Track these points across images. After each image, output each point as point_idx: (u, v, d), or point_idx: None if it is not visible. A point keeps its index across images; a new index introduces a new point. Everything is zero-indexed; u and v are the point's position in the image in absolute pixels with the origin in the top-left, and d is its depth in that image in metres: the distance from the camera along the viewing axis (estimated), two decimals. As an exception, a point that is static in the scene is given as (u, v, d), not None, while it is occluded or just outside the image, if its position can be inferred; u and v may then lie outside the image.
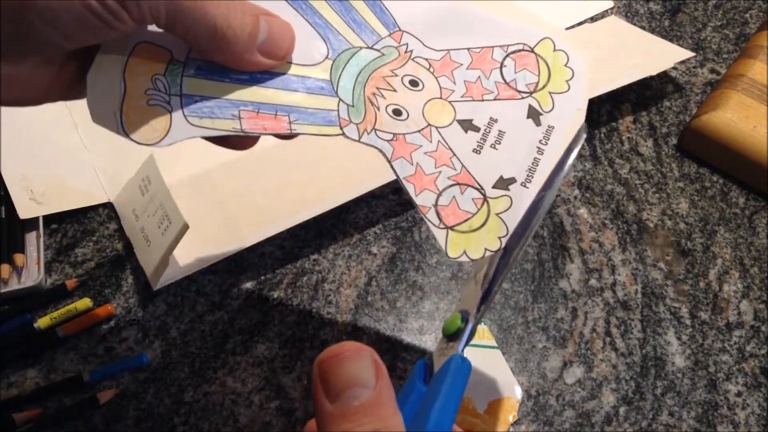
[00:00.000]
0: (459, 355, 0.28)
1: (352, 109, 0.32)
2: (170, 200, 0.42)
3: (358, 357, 0.23)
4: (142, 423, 0.40)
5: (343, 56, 0.33)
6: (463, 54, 0.35)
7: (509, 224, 0.31)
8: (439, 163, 0.33)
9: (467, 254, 0.31)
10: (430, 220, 0.32)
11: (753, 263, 0.49)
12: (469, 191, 0.32)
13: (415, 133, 0.33)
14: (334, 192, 0.47)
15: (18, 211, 0.44)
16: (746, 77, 0.53)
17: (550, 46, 0.35)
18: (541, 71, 0.35)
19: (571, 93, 0.34)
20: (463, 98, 0.34)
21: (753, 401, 0.43)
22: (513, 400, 0.42)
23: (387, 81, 0.34)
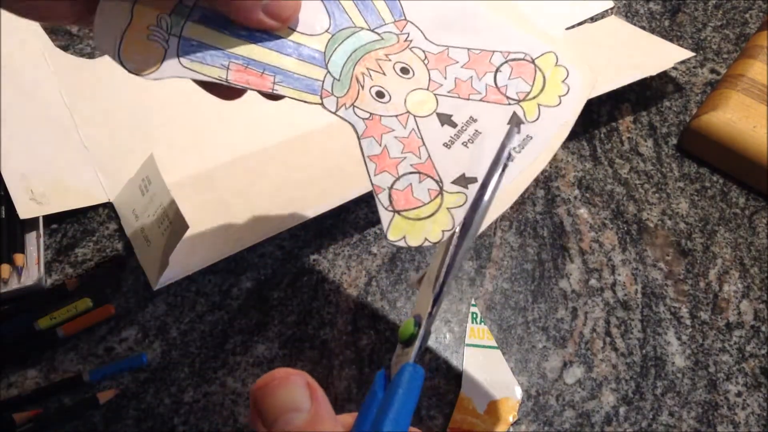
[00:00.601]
0: (411, 364, 0.28)
1: (337, 83, 0.33)
2: (170, 200, 0.42)
3: (288, 382, 0.24)
4: (142, 423, 0.40)
5: (342, 33, 0.34)
6: (462, 53, 0.35)
7: (457, 220, 0.32)
8: (406, 150, 0.33)
9: (406, 240, 0.31)
10: (380, 201, 0.32)
11: (753, 263, 0.49)
12: (427, 181, 0.33)
13: (392, 117, 0.34)
14: (334, 192, 0.47)
15: (18, 211, 0.44)
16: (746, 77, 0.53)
17: (553, 61, 0.35)
18: (536, 82, 0.35)
19: (561, 108, 0.34)
20: (449, 93, 0.34)
21: (753, 401, 0.43)
22: (513, 400, 0.42)
23: (378, 63, 0.34)
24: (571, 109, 0.34)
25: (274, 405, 0.23)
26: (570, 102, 0.34)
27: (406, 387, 0.26)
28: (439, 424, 0.42)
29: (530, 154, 0.33)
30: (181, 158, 0.48)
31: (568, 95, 0.34)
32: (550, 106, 0.34)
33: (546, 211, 0.49)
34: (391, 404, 0.26)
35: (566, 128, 0.34)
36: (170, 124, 0.50)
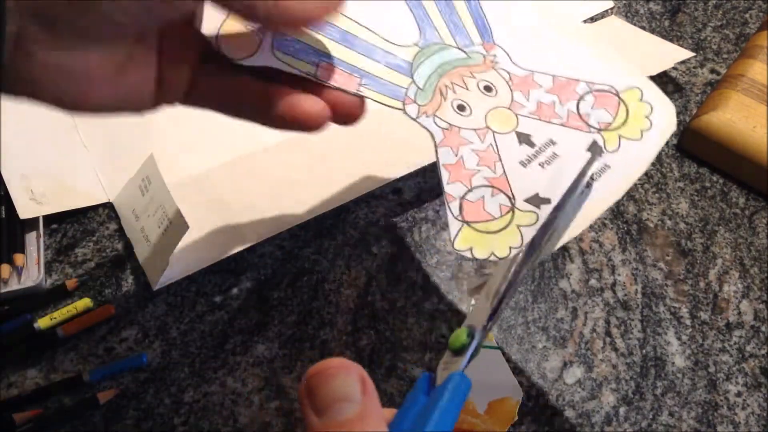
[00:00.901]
0: (459, 373, 0.28)
1: (420, 92, 0.34)
2: (170, 200, 0.42)
3: (344, 373, 0.24)
4: (142, 423, 0.40)
5: (432, 47, 0.35)
6: (547, 79, 0.36)
7: (526, 238, 0.32)
8: (482, 163, 0.34)
9: (473, 252, 0.32)
10: (450, 210, 0.33)
11: (753, 263, 0.49)
12: (499, 196, 0.33)
13: (471, 130, 0.34)
14: (334, 192, 0.47)
15: (18, 211, 0.44)
16: (746, 77, 0.53)
17: (637, 96, 0.35)
18: (619, 114, 0.35)
19: (642, 142, 0.34)
20: (530, 115, 0.35)
21: (753, 401, 0.43)
22: (513, 400, 0.42)
23: (463, 79, 0.35)
24: (652, 144, 0.34)
25: (327, 393, 0.23)
26: (652, 137, 0.34)
27: (451, 394, 0.26)
28: (439, 424, 0.42)
29: (606, 184, 0.33)
30: (181, 158, 0.48)
31: (651, 131, 0.34)
32: (631, 139, 0.34)
33: (546, 211, 0.50)
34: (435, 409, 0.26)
35: (645, 163, 0.34)
36: (170, 124, 0.50)
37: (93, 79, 0.28)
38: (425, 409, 0.26)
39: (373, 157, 0.48)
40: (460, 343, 0.29)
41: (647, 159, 0.34)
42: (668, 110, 0.35)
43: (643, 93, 0.35)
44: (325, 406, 0.23)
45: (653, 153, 0.34)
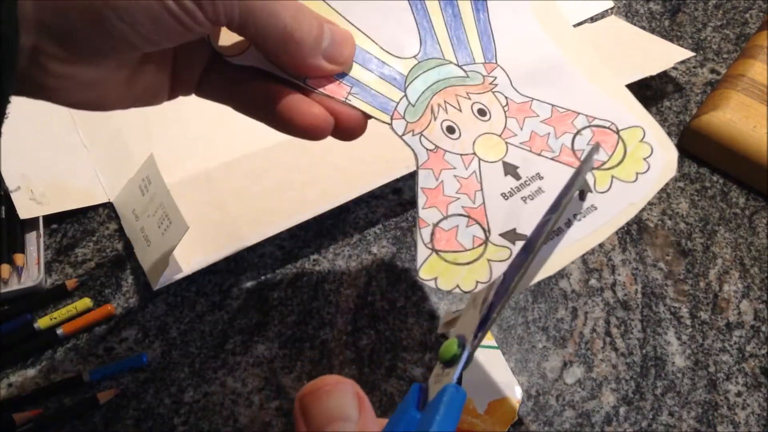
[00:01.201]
0: (453, 385, 0.27)
1: (411, 108, 0.33)
2: (170, 200, 0.42)
3: (339, 390, 0.23)
4: (142, 423, 0.40)
5: (429, 62, 0.34)
6: (545, 108, 0.34)
7: (494, 274, 0.30)
8: (462, 191, 0.32)
9: (437, 282, 0.30)
10: (421, 236, 0.31)
11: (753, 263, 0.49)
12: (474, 228, 0.32)
13: (457, 155, 0.33)
14: (334, 192, 0.47)
15: (18, 211, 0.44)
16: (746, 77, 0.53)
17: (639, 136, 0.33)
18: (616, 154, 0.33)
19: (635, 185, 0.32)
20: (521, 145, 0.33)
21: (753, 401, 0.43)
22: (513, 400, 0.42)
23: (457, 99, 0.34)
24: (645, 189, 0.32)
25: (323, 412, 0.23)
26: (646, 181, 0.32)
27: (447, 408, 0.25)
28: (439, 424, 0.42)
29: (589, 225, 0.32)
30: (181, 158, 0.48)
31: (647, 174, 0.33)
32: (624, 181, 0.33)
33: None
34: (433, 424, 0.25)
35: (634, 209, 0.32)
36: (170, 124, 0.50)
37: (107, 86, 0.28)
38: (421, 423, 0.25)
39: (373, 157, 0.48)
40: (451, 354, 0.28)
41: (638, 204, 0.32)
42: (669, 155, 0.33)
43: (645, 133, 0.33)
44: (321, 426, 0.23)
45: (645, 199, 0.32)
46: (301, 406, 0.23)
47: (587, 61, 0.35)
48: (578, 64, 0.35)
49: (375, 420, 0.24)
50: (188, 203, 0.44)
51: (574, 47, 0.35)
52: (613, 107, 0.34)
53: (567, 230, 0.32)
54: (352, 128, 0.32)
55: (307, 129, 0.31)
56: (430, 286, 0.31)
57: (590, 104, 0.34)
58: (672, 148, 0.33)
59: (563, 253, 0.32)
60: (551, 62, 0.35)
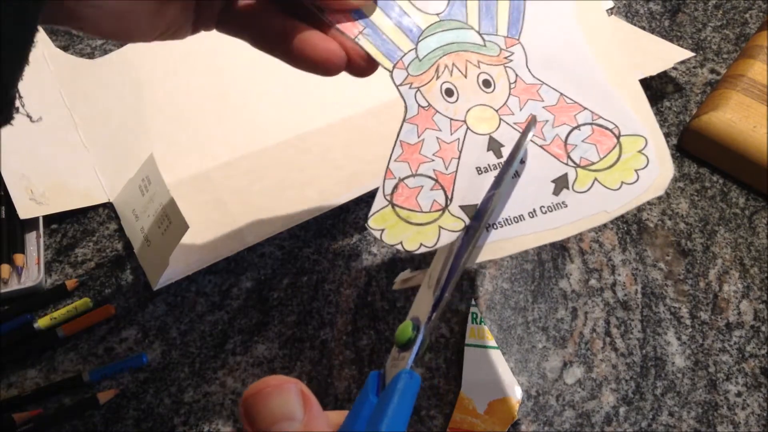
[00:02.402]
0: (407, 371, 0.27)
1: (417, 62, 0.33)
2: (170, 200, 0.42)
3: (282, 390, 0.23)
4: (142, 423, 0.40)
5: (451, 23, 0.34)
6: (553, 95, 0.34)
7: (441, 241, 0.30)
8: (439, 154, 0.32)
9: (384, 234, 0.31)
10: (384, 186, 0.31)
11: (753, 263, 0.49)
12: (437, 193, 0.31)
13: (447, 118, 0.33)
14: (334, 192, 0.47)
15: (18, 211, 0.44)
16: (746, 77, 0.53)
17: (639, 146, 0.33)
18: (608, 158, 0.32)
19: (615, 194, 0.32)
20: (514, 125, 0.33)
21: (753, 401, 0.43)
22: (513, 400, 0.42)
23: (466, 65, 0.33)
24: (625, 200, 0.31)
25: (267, 413, 0.23)
26: (629, 193, 0.31)
27: (401, 395, 0.26)
28: (439, 424, 0.42)
29: (553, 221, 0.31)
30: (181, 158, 0.48)
31: (633, 186, 0.32)
32: (606, 187, 0.32)
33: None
34: (385, 412, 0.25)
35: (605, 217, 0.31)
36: (170, 124, 0.50)
37: (134, 16, 0.29)
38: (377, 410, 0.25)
39: (373, 157, 0.48)
40: (407, 338, 0.28)
41: (611, 214, 0.31)
42: (664, 173, 0.32)
43: (646, 145, 0.33)
44: (266, 426, 0.23)
45: (621, 210, 0.31)
46: (245, 408, 0.23)
47: (613, 61, 0.34)
48: (602, 62, 0.34)
49: (321, 416, 0.24)
50: (188, 203, 0.44)
51: (604, 44, 0.34)
52: (623, 111, 0.33)
53: (529, 220, 0.31)
54: (363, 67, 0.33)
55: (319, 62, 0.32)
56: (375, 236, 0.30)
57: (601, 102, 0.33)
58: (670, 167, 0.32)
59: (518, 240, 0.31)
60: (574, 52, 0.34)
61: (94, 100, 0.51)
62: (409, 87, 0.33)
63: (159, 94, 0.51)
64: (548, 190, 0.32)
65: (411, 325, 0.28)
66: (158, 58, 0.53)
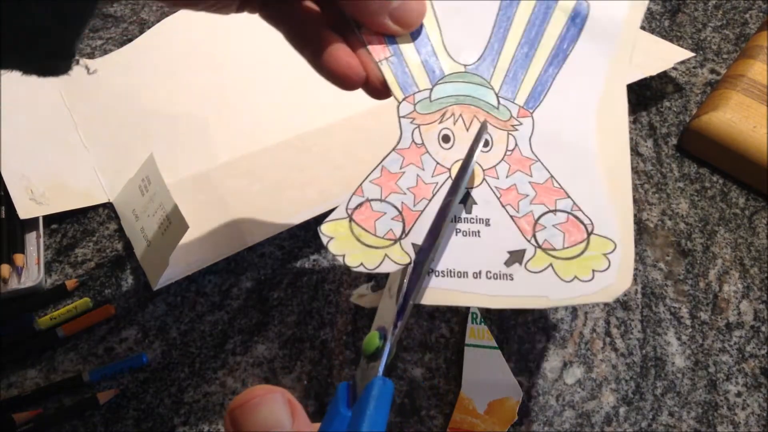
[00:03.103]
0: (380, 378, 0.27)
1: (426, 102, 0.34)
2: (170, 200, 0.42)
3: (269, 400, 0.23)
4: (142, 423, 0.40)
5: (474, 77, 0.34)
6: (543, 174, 0.33)
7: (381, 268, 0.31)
8: (413, 190, 0.32)
9: (330, 243, 0.31)
10: (349, 201, 0.32)
11: (753, 263, 0.49)
12: (397, 224, 0.32)
13: (433, 161, 0.33)
14: (334, 192, 0.47)
15: (18, 211, 0.44)
16: (746, 77, 0.53)
17: (606, 249, 0.32)
18: (572, 249, 0.32)
19: (565, 286, 0.31)
20: (494, 188, 0.33)
21: (753, 401, 0.43)
22: (513, 400, 0.42)
23: (472, 119, 0.34)
24: (570, 295, 0.31)
25: (255, 423, 0.22)
26: (578, 289, 0.31)
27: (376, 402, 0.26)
28: (439, 424, 0.42)
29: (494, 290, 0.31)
30: (181, 158, 0.48)
31: (585, 284, 0.31)
32: (558, 277, 0.32)
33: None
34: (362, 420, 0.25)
35: (545, 303, 0.31)
36: (170, 124, 0.50)
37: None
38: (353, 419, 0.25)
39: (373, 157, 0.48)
40: (374, 348, 0.28)
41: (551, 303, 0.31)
42: (620, 282, 0.32)
43: (614, 251, 0.32)
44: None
45: (563, 303, 0.31)
46: (232, 419, 0.23)
47: (614, 163, 0.34)
48: (604, 161, 0.34)
49: (309, 425, 0.24)
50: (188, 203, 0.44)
51: (612, 146, 0.34)
52: (604, 211, 0.33)
53: (471, 279, 0.31)
54: (379, 90, 0.33)
55: (339, 75, 0.32)
56: (323, 241, 0.31)
57: (586, 196, 0.33)
58: (628, 281, 0.32)
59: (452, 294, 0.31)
60: (581, 143, 0.34)
61: (94, 100, 0.51)
62: (410, 122, 0.33)
63: (159, 94, 0.51)
64: (501, 259, 0.32)
65: (377, 335, 0.29)
66: (158, 58, 0.53)
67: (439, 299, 0.31)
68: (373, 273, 0.31)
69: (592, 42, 0.36)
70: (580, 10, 0.36)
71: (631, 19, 0.37)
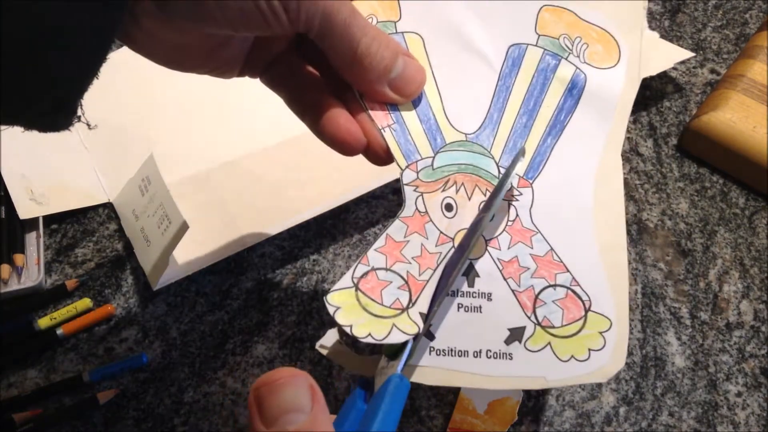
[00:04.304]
0: (398, 375, 0.28)
1: (429, 170, 0.34)
2: (170, 200, 0.42)
3: (293, 383, 0.24)
4: (142, 423, 0.40)
5: (474, 146, 0.34)
6: (544, 247, 0.34)
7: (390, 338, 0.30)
8: (417, 260, 0.32)
9: (338, 312, 0.31)
10: (354, 270, 0.32)
11: (753, 263, 0.49)
12: (403, 294, 0.32)
13: (437, 231, 0.33)
14: (334, 192, 0.47)
15: (18, 211, 0.44)
16: (746, 77, 0.53)
17: (603, 327, 0.32)
18: (569, 327, 0.32)
19: (562, 366, 0.32)
20: (497, 260, 0.33)
21: (753, 401, 0.43)
22: (513, 401, 0.42)
23: (474, 189, 0.34)
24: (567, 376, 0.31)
25: (277, 404, 0.23)
26: (574, 369, 0.31)
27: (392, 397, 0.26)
28: (439, 424, 0.42)
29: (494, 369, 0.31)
30: (181, 158, 0.48)
31: (581, 363, 0.32)
32: (556, 356, 0.32)
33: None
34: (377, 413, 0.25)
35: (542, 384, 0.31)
36: (170, 124, 0.50)
37: (189, 53, 0.31)
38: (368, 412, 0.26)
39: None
40: (396, 347, 0.29)
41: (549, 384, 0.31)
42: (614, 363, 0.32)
43: (610, 329, 0.32)
44: (275, 416, 0.23)
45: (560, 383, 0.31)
46: (256, 397, 0.24)
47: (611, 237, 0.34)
48: (600, 235, 0.34)
49: (326, 411, 0.24)
50: (188, 203, 0.44)
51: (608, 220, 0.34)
52: (601, 288, 0.33)
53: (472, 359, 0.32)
54: (381, 157, 0.34)
55: (338, 140, 0.33)
56: (329, 311, 0.31)
57: (585, 271, 0.33)
58: (621, 361, 0.32)
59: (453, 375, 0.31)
60: (580, 215, 0.34)
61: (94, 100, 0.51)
62: (414, 189, 0.33)
63: (159, 94, 0.51)
64: (501, 337, 0.32)
65: None
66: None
67: (439, 379, 0.31)
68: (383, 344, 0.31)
69: (589, 113, 0.36)
70: (578, 81, 0.36)
71: (627, 93, 0.37)
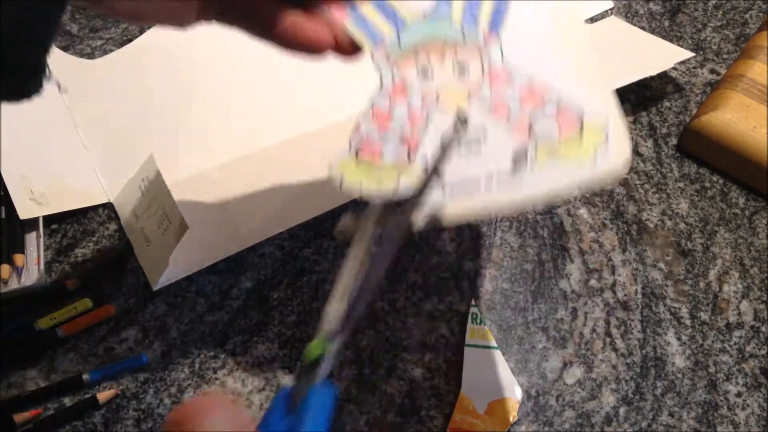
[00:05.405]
0: (320, 384, 0.27)
1: (396, 48, 0.35)
2: (170, 200, 0.42)
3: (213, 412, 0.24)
4: (142, 423, 0.40)
5: (434, 20, 0.36)
6: (523, 78, 0.35)
7: (398, 192, 0.32)
8: (407, 121, 0.34)
9: (343, 179, 0.32)
10: (348, 143, 0.33)
11: (753, 263, 0.49)
12: (402, 149, 0.33)
13: (420, 94, 0.34)
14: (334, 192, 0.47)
15: (18, 211, 0.44)
16: (746, 77, 0.53)
17: (599, 128, 0.33)
18: (568, 138, 0.33)
19: (574, 173, 0.32)
20: (483, 107, 0.34)
21: (753, 401, 0.43)
22: (513, 401, 0.42)
23: (443, 52, 0.35)
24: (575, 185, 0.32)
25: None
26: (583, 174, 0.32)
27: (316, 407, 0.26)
28: (439, 424, 0.42)
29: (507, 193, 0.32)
30: (181, 158, 0.48)
31: (590, 165, 0.32)
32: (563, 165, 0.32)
33: (546, 211, 0.49)
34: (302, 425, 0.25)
35: (556, 197, 0.33)
36: (170, 124, 0.50)
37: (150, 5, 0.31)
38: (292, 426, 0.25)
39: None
40: (316, 355, 0.28)
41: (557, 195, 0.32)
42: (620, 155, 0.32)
43: (607, 127, 0.33)
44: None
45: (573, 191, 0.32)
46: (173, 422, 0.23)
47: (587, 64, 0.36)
48: (577, 64, 0.36)
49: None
50: (188, 203, 0.44)
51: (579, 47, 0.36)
52: (587, 97, 0.34)
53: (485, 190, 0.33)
54: (349, 50, 0.34)
55: (306, 42, 0.33)
56: (335, 184, 0.32)
57: (568, 88, 0.35)
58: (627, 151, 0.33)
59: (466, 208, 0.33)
60: (549, 48, 0.36)
61: (94, 100, 0.51)
62: (386, 66, 0.35)
63: (159, 94, 0.51)
64: (506, 163, 0.33)
65: (320, 343, 0.29)
66: (158, 58, 0.53)
67: (460, 214, 0.33)
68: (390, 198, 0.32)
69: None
70: None
71: None
